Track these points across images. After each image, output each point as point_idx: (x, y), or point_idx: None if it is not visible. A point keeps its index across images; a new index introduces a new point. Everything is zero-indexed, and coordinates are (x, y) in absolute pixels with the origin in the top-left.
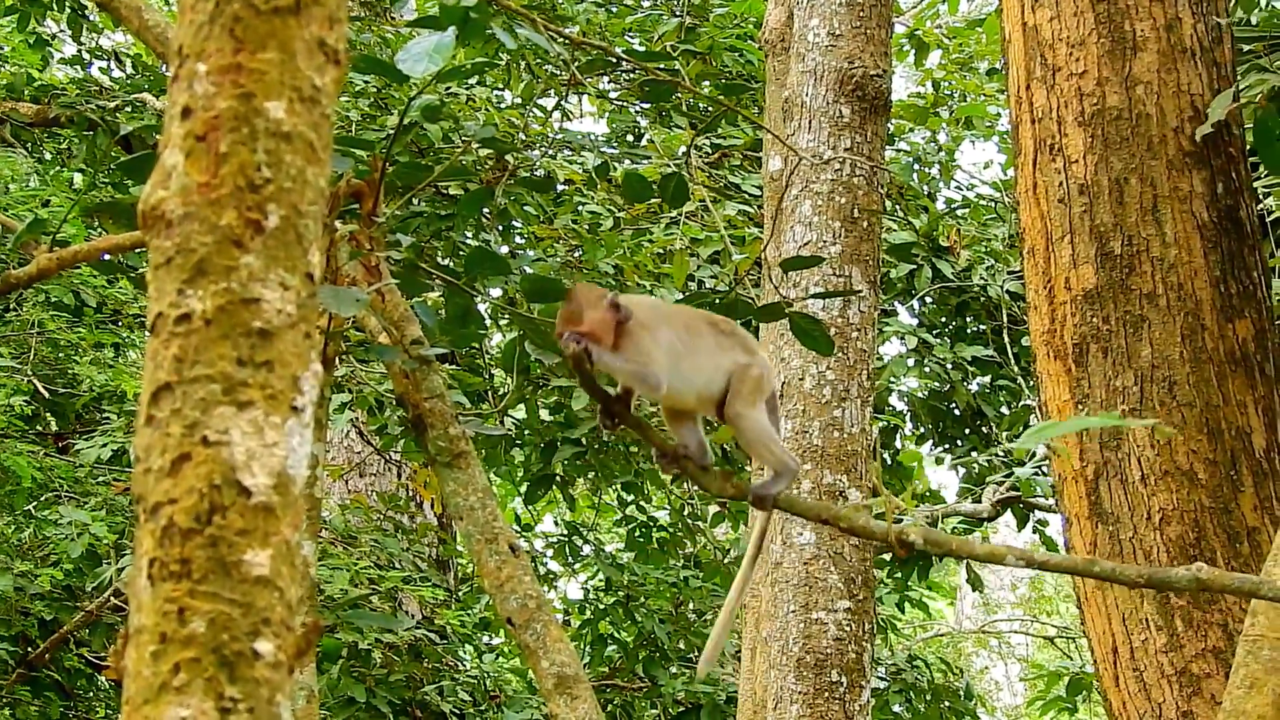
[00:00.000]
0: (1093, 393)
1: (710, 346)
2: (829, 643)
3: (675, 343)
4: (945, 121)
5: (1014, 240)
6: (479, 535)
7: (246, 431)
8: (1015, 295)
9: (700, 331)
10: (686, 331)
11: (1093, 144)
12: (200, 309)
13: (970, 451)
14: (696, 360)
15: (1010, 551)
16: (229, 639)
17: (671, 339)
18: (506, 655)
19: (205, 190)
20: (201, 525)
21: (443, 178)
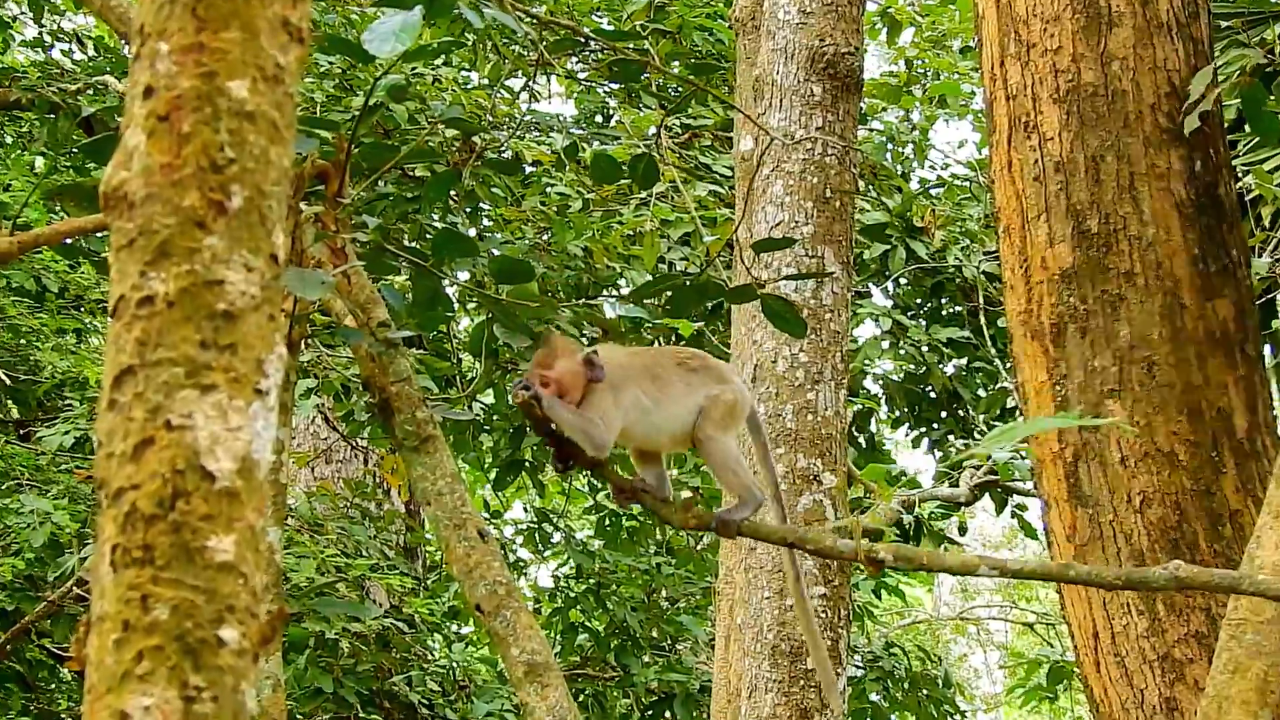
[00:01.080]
0: (1070, 374)
1: (679, 391)
2: None
3: (642, 398)
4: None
5: (989, 220)
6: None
7: (210, 415)
8: (991, 276)
9: (668, 379)
10: (654, 383)
11: (1068, 121)
12: (163, 291)
13: (947, 435)
14: (665, 409)
15: (983, 562)
16: (193, 626)
17: (637, 397)
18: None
19: (167, 171)
20: (164, 511)
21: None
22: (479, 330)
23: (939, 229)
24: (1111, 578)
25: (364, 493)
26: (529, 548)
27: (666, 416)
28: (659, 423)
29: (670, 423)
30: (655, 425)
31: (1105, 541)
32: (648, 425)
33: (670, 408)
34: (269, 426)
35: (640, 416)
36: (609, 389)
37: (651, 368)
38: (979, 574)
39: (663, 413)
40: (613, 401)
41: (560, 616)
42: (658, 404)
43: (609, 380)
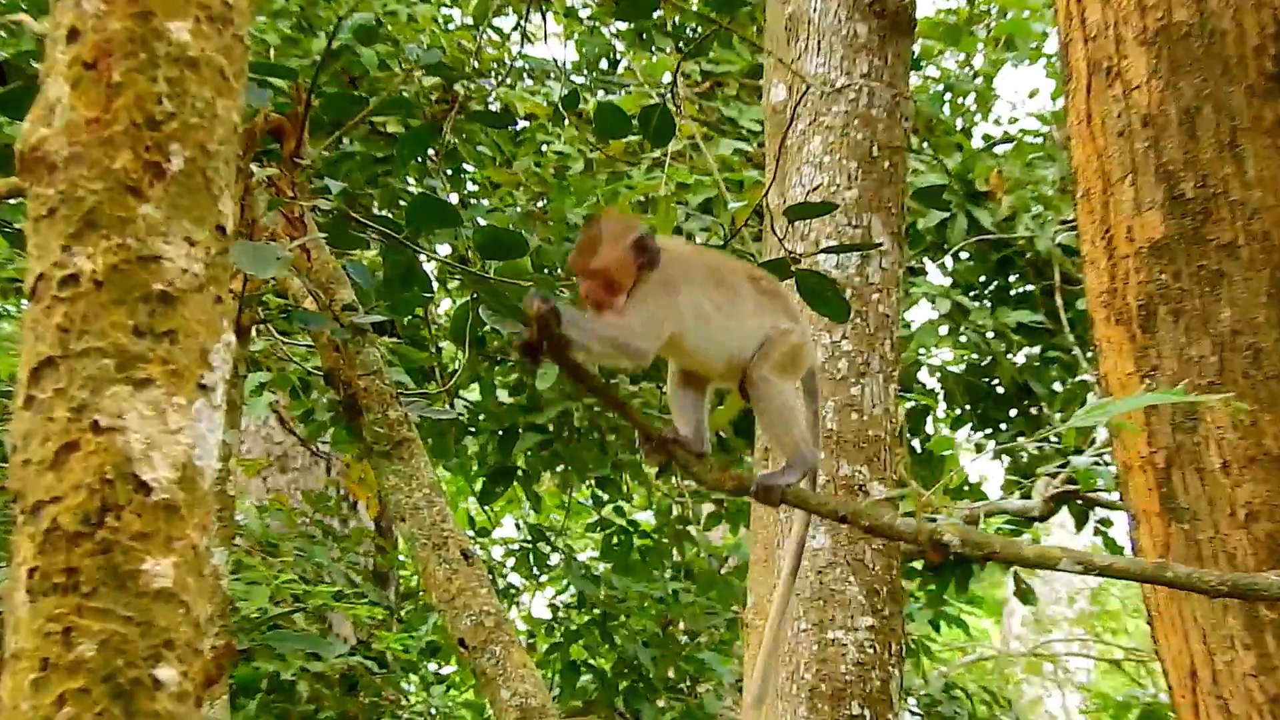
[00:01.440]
0: (1162, 364)
1: (748, 308)
2: (848, 668)
3: (703, 303)
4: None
5: (1066, 183)
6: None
7: (145, 415)
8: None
9: (737, 287)
10: (719, 288)
11: (1158, 67)
12: (90, 269)
13: (1016, 437)
14: (729, 323)
15: (1065, 554)
16: (124, 665)
17: (697, 300)
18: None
19: (95, 128)
20: (91, 528)
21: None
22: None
23: (1006, 194)
24: (1215, 582)
25: (326, 507)
26: (522, 571)
27: (729, 332)
28: (719, 337)
29: (732, 340)
30: (714, 340)
31: (1204, 561)
32: (704, 337)
33: (735, 323)
34: (214, 429)
35: (697, 324)
36: (663, 284)
37: (719, 270)
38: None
39: (725, 326)
40: (666, 299)
41: (559, 653)
42: (720, 314)
43: (665, 273)
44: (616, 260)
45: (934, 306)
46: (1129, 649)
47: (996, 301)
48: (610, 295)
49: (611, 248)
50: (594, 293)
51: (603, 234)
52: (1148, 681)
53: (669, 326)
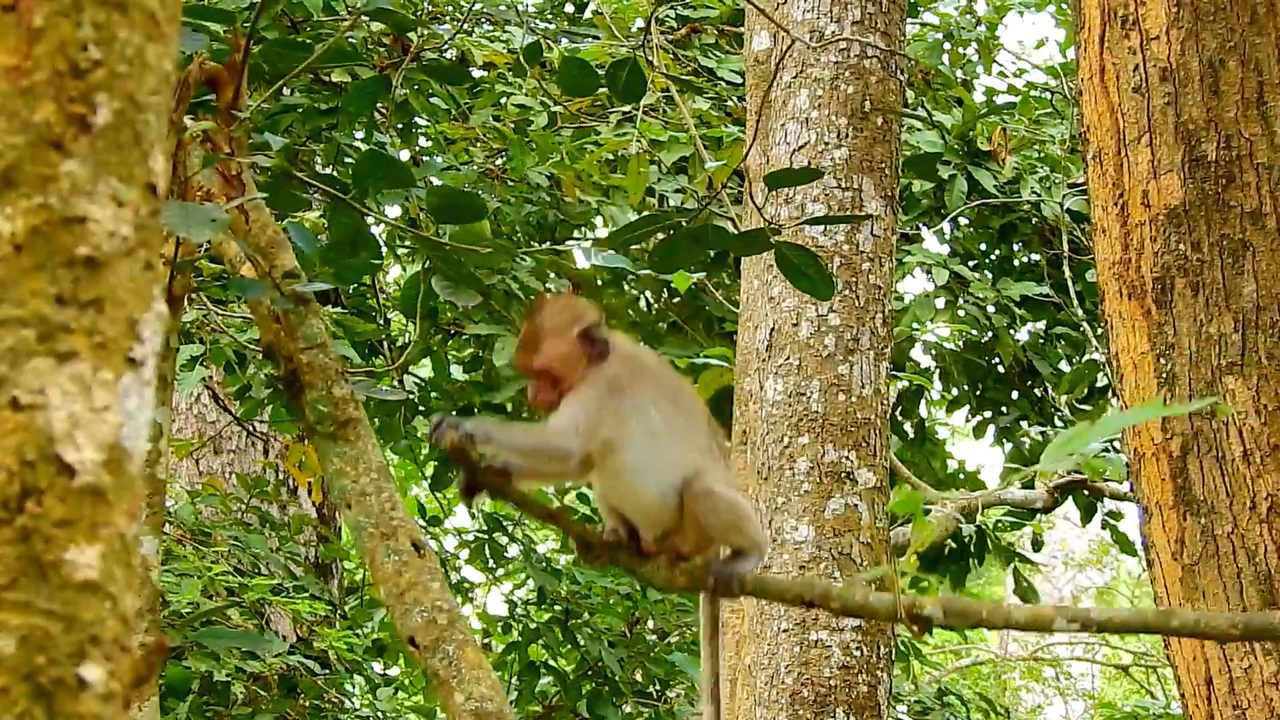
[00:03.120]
0: (1179, 342)
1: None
2: (833, 672)
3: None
4: None
5: (1076, 143)
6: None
7: (68, 391)
8: (1078, 215)
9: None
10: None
11: (1179, 15)
12: (8, 231)
13: (1019, 420)
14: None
15: (1060, 614)
16: (46, 662)
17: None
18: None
19: (14, 76)
20: (10, 514)
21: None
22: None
23: (1010, 154)
24: (1225, 627)
25: (263, 492)
26: (477, 564)
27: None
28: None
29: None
30: (652, 462)
31: (1222, 559)
32: (642, 456)
33: (679, 450)
34: (144, 406)
35: (639, 437)
36: (607, 383)
37: (677, 390)
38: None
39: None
40: (608, 399)
41: (517, 653)
42: (667, 434)
43: (613, 371)
44: (561, 356)
45: (930, 277)
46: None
47: (998, 272)
48: (559, 394)
49: (555, 343)
50: (542, 393)
51: (545, 327)
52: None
53: (605, 430)
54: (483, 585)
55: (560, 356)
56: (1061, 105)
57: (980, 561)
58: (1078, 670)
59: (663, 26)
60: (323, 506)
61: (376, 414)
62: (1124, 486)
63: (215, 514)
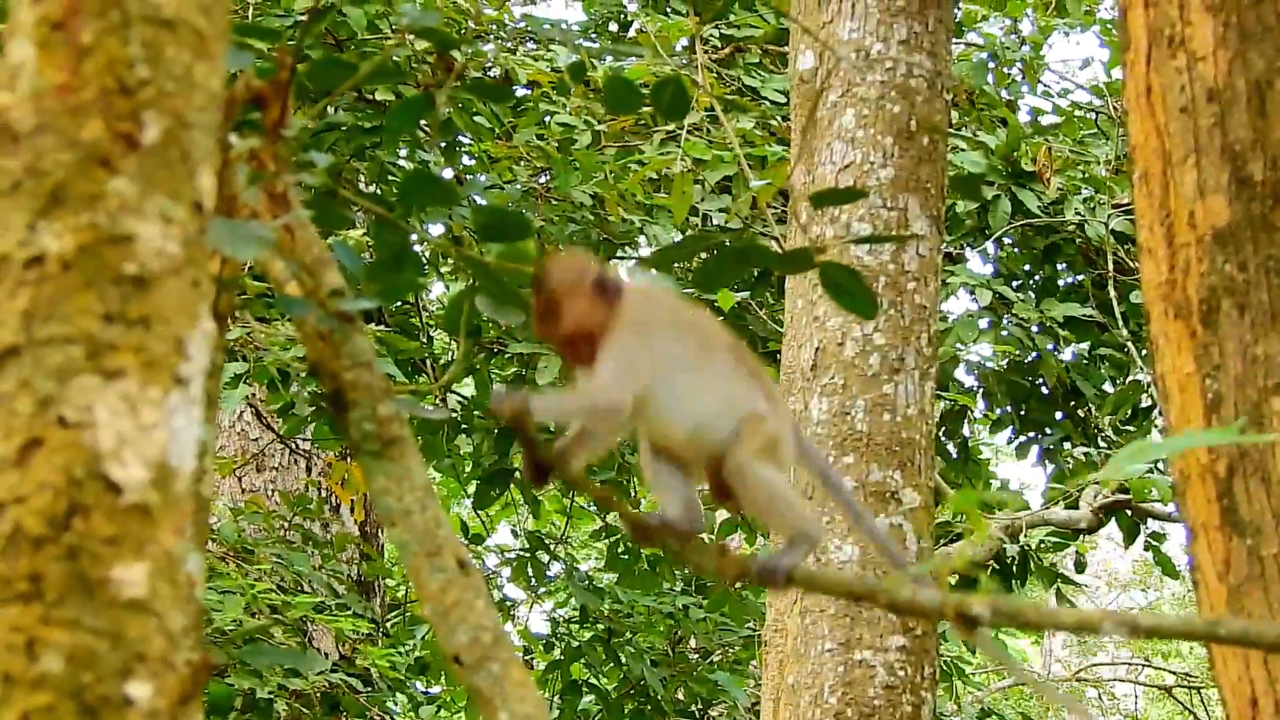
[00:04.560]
0: (1225, 363)
1: (723, 376)
2: (877, 692)
3: (675, 353)
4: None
5: (1121, 163)
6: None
7: (116, 409)
8: (1123, 236)
9: (715, 351)
10: (696, 345)
11: (1226, 35)
12: (56, 249)
13: (1063, 441)
14: (701, 385)
15: (1107, 617)
16: (93, 680)
17: (670, 349)
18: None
19: (63, 94)
20: (57, 531)
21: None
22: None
23: (1055, 174)
24: (1275, 636)
25: (307, 510)
26: (519, 583)
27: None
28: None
29: (701, 407)
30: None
31: (1268, 581)
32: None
33: (707, 388)
34: (190, 423)
35: (667, 376)
36: (634, 326)
37: (698, 326)
38: (1102, 632)
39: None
40: (639, 342)
41: (559, 671)
42: (693, 372)
43: (637, 314)
44: (583, 313)
45: (974, 297)
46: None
47: (1042, 293)
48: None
49: (572, 303)
50: (577, 356)
51: (557, 290)
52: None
53: (643, 374)
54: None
55: (582, 314)
56: (1106, 125)
57: (1023, 582)
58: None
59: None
60: (365, 524)
61: (420, 432)
62: (1167, 507)
63: (258, 531)
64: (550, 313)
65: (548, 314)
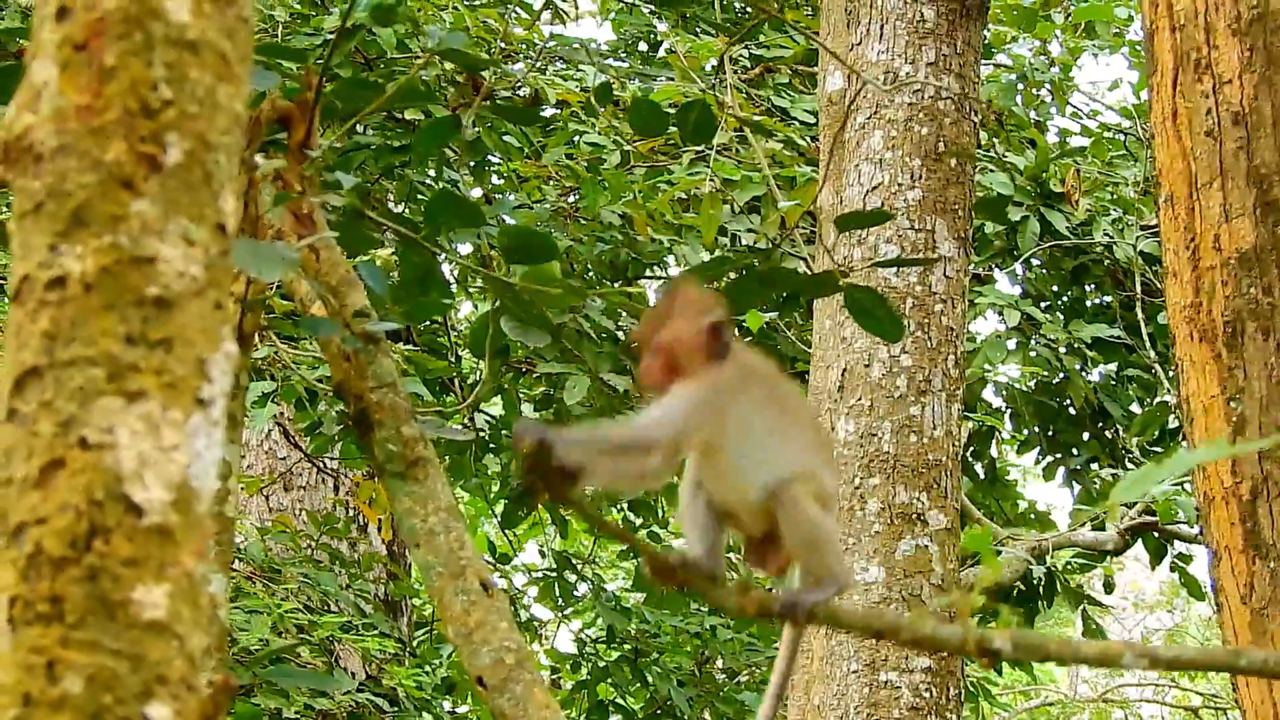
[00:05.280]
0: (1249, 385)
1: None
2: (902, 713)
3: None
4: (1059, 27)
5: (1148, 185)
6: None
7: (137, 431)
8: (1150, 258)
9: (797, 419)
10: (778, 412)
11: (1251, 59)
12: (78, 270)
13: (1089, 462)
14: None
15: (1129, 649)
16: (113, 701)
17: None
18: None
19: (86, 115)
20: (78, 553)
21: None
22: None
23: (1083, 195)
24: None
25: (333, 529)
26: (546, 603)
27: (773, 457)
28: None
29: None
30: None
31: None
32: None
33: (782, 450)
34: (212, 445)
35: (742, 435)
36: (715, 384)
37: (786, 396)
38: (1124, 664)
39: (771, 449)
40: (713, 398)
41: (586, 691)
42: (770, 436)
43: (724, 375)
44: (688, 339)
45: (1002, 318)
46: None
47: (1070, 314)
48: (669, 379)
49: (683, 324)
50: (653, 372)
51: (678, 306)
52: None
53: (698, 427)
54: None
55: (684, 339)
56: (1135, 147)
57: (1050, 603)
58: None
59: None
60: (392, 544)
61: (447, 452)
62: (1194, 530)
63: (285, 551)
64: (659, 319)
65: (656, 319)
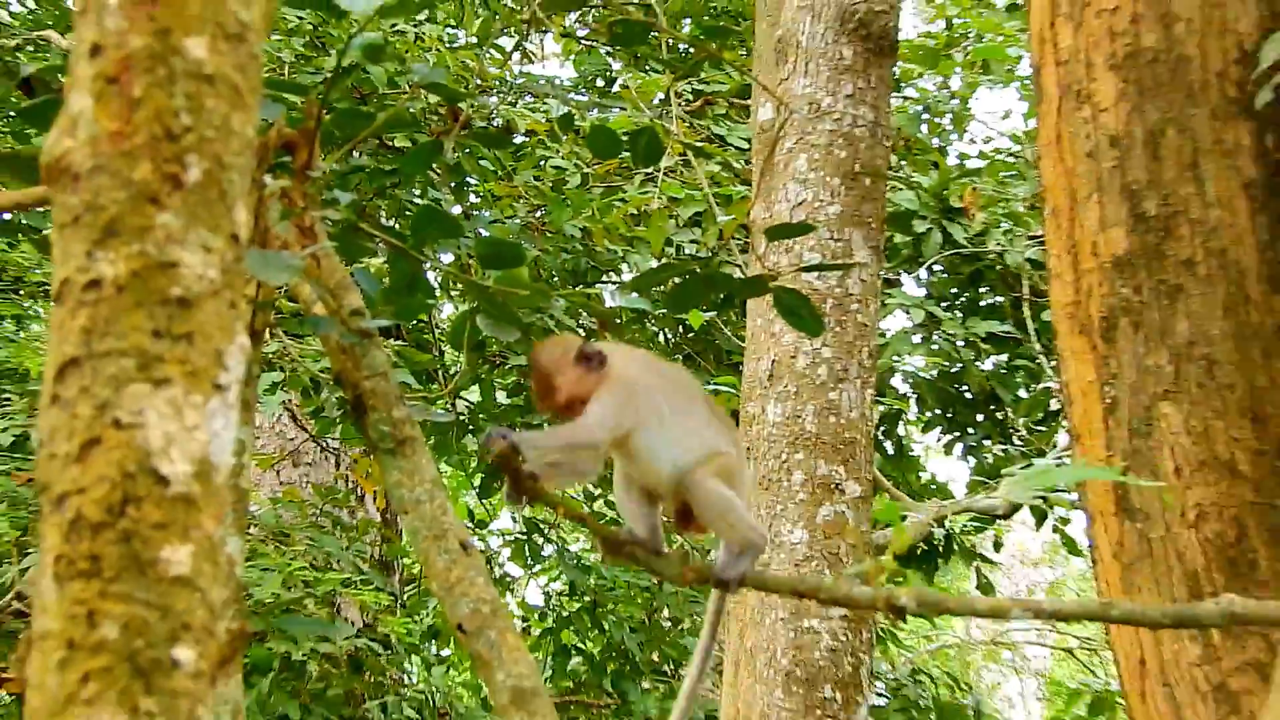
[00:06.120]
0: (1121, 373)
1: (700, 421)
2: (822, 654)
3: (660, 404)
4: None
5: (1035, 200)
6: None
7: (164, 413)
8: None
9: (692, 401)
10: (676, 396)
11: (1125, 90)
12: (111, 274)
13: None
14: (681, 429)
15: (1016, 605)
16: (144, 645)
17: (656, 401)
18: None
19: (117, 140)
20: (113, 518)
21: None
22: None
23: (979, 210)
24: (1157, 616)
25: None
26: (517, 561)
27: (679, 438)
28: (670, 440)
29: (679, 448)
30: (664, 443)
31: (1155, 560)
32: (655, 439)
33: (685, 432)
34: (229, 425)
35: (652, 424)
36: (622, 384)
37: (678, 381)
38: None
39: (677, 431)
40: (625, 395)
41: (551, 638)
42: (674, 419)
43: (624, 374)
44: (572, 384)
45: (909, 316)
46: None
47: (967, 312)
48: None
49: (562, 377)
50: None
51: (547, 369)
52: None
53: (626, 421)
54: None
55: (572, 384)
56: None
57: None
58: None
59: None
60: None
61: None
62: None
63: (293, 518)
64: (547, 390)
65: (545, 392)
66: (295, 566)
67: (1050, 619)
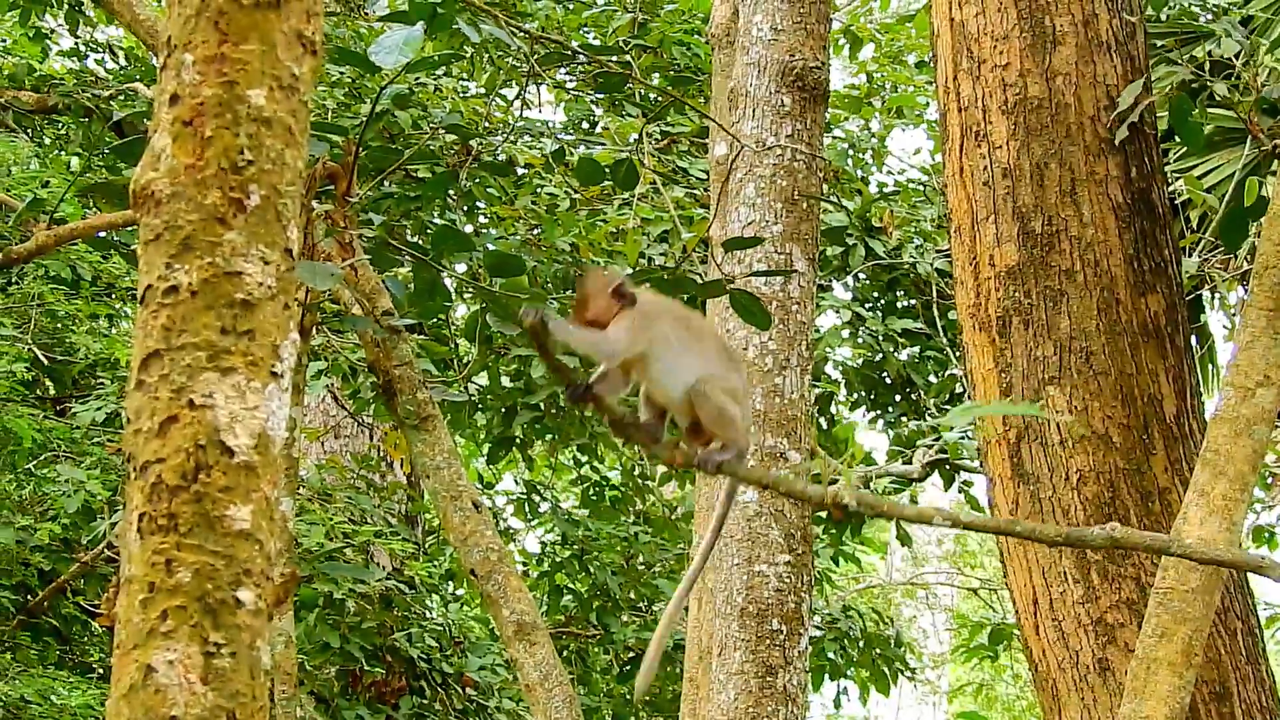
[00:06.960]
0: (1015, 362)
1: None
2: (770, 593)
3: (671, 335)
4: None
5: (942, 221)
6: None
7: (229, 395)
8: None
9: (703, 336)
10: (688, 330)
11: (1015, 131)
12: (187, 282)
13: (900, 417)
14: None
15: (938, 513)
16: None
17: (668, 332)
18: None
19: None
20: (188, 483)
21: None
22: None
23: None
24: (1053, 534)
25: (369, 466)
26: (519, 517)
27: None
28: (680, 364)
29: (689, 371)
30: (675, 365)
31: (1044, 516)
32: (667, 361)
33: (694, 357)
34: (283, 406)
35: (663, 349)
36: (641, 315)
37: (691, 320)
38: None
39: (686, 356)
40: (642, 324)
41: (547, 580)
42: (684, 346)
43: (644, 309)
44: (603, 308)
45: (838, 315)
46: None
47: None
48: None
49: (598, 300)
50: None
51: (589, 291)
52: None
53: (639, 344)
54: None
55: (601, 308)
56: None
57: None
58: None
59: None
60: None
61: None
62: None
63: (335, 481)
64: (582, 305)
65: (580, 306)
66: (336, 521)
67: (965, 529)
